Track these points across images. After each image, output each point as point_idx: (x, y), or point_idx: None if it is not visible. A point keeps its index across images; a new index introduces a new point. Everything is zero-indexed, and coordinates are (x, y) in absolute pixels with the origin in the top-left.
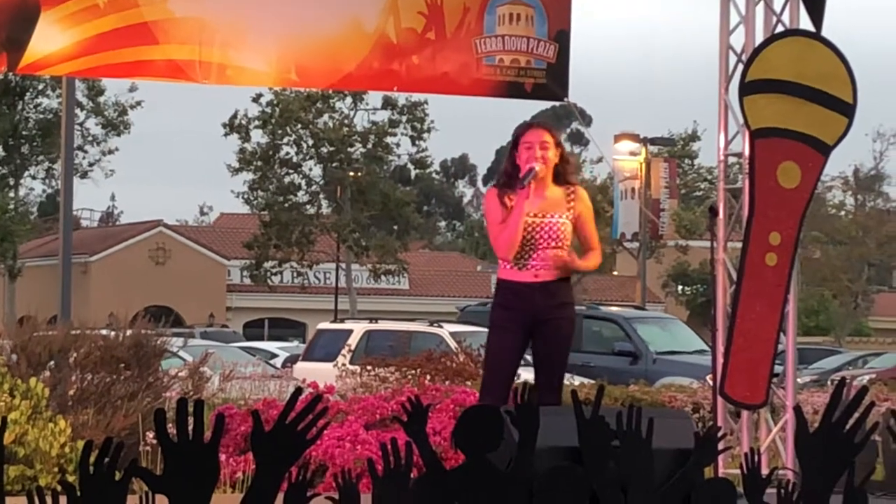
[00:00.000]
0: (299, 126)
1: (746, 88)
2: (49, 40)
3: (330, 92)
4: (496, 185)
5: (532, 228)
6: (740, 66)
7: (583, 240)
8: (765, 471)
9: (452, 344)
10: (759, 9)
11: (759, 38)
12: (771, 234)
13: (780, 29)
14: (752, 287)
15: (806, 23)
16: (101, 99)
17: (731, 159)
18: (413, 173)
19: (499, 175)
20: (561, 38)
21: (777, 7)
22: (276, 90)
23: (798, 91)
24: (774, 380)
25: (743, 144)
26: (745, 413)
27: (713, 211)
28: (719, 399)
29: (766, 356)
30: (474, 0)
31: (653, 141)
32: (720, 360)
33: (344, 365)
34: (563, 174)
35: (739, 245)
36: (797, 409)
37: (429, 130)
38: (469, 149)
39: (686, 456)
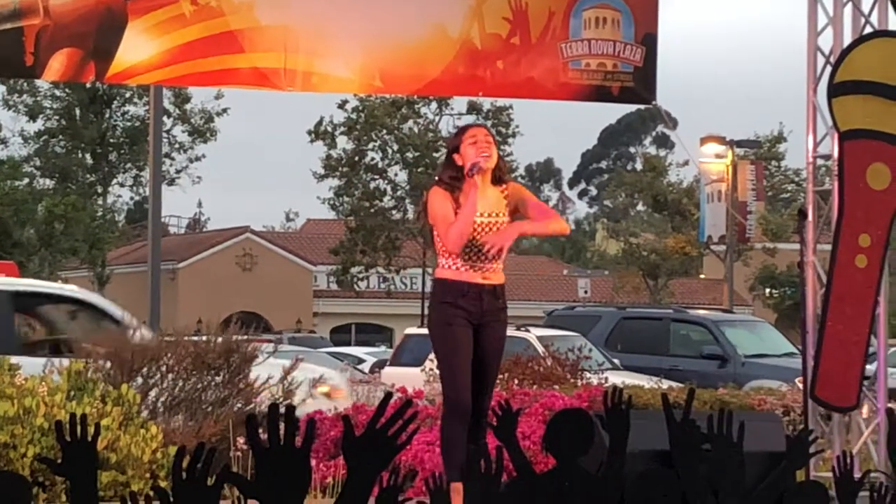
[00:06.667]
0: (384, 132)
1: (835, 90)
2: (136, 49)
3: (415, 97)
4: (439, 185)
5: (482, 228)
6: (828, 68)
7: (533, 207)
8: (857, 474)
9: (540, 348)
10: (847, 10)
11: (848, 40)
12: (861, 236)
13: (868, 30)
14: (843, 289)
15: (895, 23)
16: (188, 106)
17: (820, 161)
18: None
19: (440, 178)
20: (648, 42)
21: (865, 8)
22: (361, 96)
23: (887, 92)
24: (865, 382)
25: (832, 146)
26: (836, 416)
27: (802, 213)
28: (810, 402)
29: (857, 359)
30: (560, 4)
31: (739, 143)
32: (810, 362)
33: (432, 370)
34: (499, 176)
35: (828, 247)
36: (889, 412)
37: (514, 135)
38: (554, 153)
39: (777, 459)
